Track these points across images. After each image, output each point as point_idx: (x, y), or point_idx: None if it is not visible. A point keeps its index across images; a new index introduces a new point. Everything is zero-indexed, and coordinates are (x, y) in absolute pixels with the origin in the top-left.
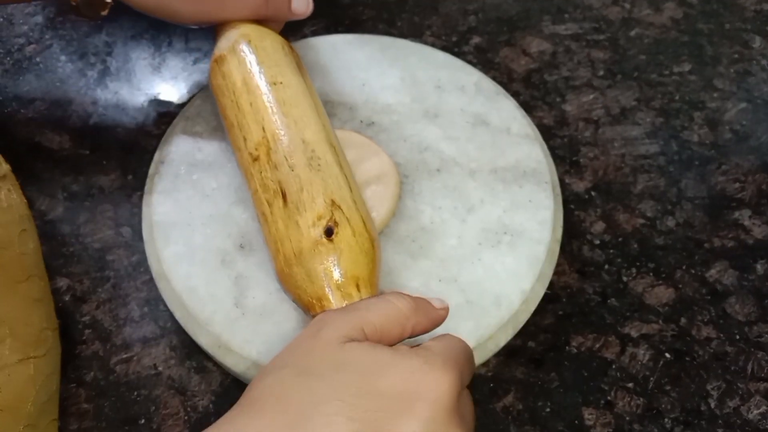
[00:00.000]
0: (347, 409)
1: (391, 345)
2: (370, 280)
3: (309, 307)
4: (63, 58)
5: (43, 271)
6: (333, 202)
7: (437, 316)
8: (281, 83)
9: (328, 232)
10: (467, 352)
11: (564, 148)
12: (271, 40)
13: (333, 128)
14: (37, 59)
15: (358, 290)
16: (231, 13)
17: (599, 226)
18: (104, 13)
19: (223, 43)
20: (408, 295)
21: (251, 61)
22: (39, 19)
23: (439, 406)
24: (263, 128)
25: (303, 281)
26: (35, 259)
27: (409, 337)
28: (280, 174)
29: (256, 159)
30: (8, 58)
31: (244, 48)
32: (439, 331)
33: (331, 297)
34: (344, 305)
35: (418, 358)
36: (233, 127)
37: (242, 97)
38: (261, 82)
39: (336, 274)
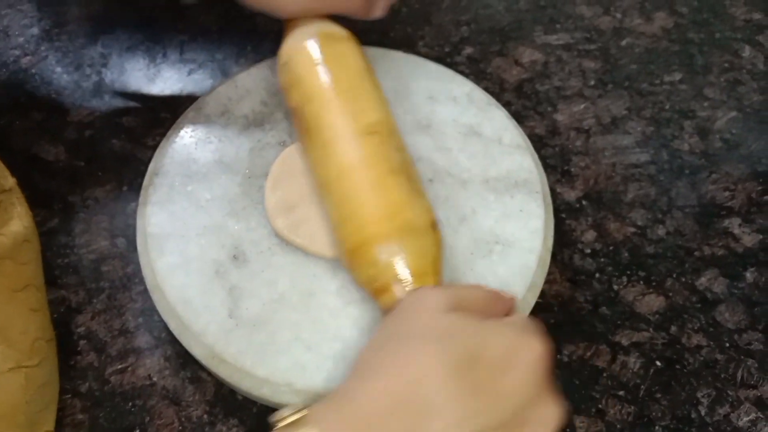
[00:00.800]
0: (455, 371)
1: None
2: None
3: (393, 282)
4: (59, 69)
5: (41, 282)
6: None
7: (509, 306)
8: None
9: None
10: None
11: (555, 158)
12: (315, 48)
13: (376, 105)
14: (33, 71)
15: (439, 274)
16: (334, 8)
17: (590, 235)
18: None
19: (335, 28)
20: (484, 287)
21: (362, 53)
22: (35, 30)
23: (537, 369)
24: (385, 112)
25: (405, 252)
26: (35, 270)
27: None
28: (401, 156)
29: (373, 133)
30: (4, 70)
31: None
32: None
33: (431, 273)
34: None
35: (513, 327)
36: (346, 93)
37: (366, 77)
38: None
39: (436, 258)
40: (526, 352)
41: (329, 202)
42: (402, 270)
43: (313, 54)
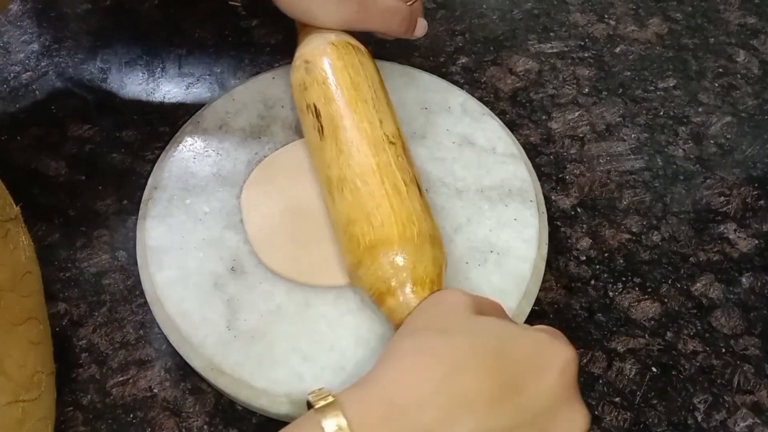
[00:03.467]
0: (491, 368)
1: None
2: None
3: (405, 285)
4: (59, 84)
5: (44, 314)
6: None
7: (505, 314)
8: (335, 126)
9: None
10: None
11: (550, 166)
12: (332, 59)
13: (388, 118)
14: (33, 86)
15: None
16: (374, 26)
17: (585, 242)
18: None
19: (354, 39)
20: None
21: (377, 67)
22: (35, 47)
23: (565, 374)
24: (398, 127)
25: (420, 258)
26: (37, 302)
27: None
28: (414, 170)
29: (392, 143)
30: (5, 86)
31: (310, 70)
32: None
33: (437, 283)
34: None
35: (544, 333)
36: (366, 102)
37: (381, 90)
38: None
39: (443, 270)
40: (556, 356)
41: (342, 201)
42: (416, 275)
43: (339, 58)
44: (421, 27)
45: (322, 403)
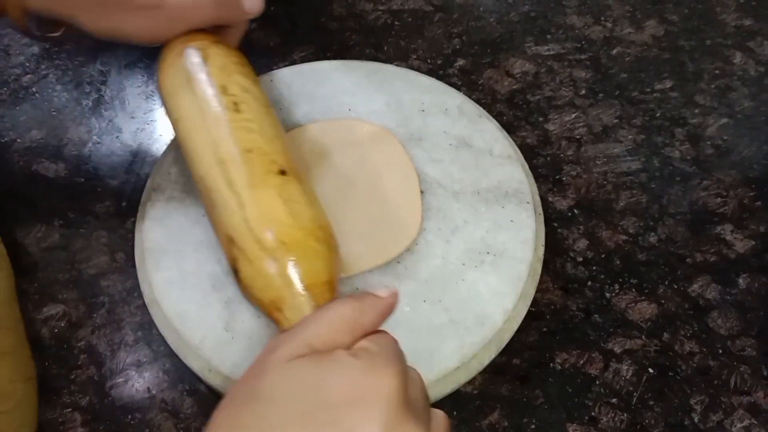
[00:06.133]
0: (301, 428)
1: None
2: (298, 287)
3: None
4: (58, 87)
5: (14, 321)
6: (229, 239)
7: (386, 306)
8: (178, 119)
9: (235, 272)
10: (397, 344)
11: (547, 167)
12: (172, 62)
13: (240, 123)
14: (34, 89)
15: (287, 304)
16: (185, 25)
17: (582, 243)
18: (56, 34)
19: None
20: (353, 298)
21: (164, 92)
22: (35, 49)
23: (391, 404)
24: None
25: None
26: (6, 311)
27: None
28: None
29: (249, 150)
30: (5, 89)
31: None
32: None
33: (279, 321)
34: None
35: (360, 362)
36: (213, 113)
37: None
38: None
39: (263, 305)
40: (376, 389)
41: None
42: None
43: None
44: (250, 3)
45: None
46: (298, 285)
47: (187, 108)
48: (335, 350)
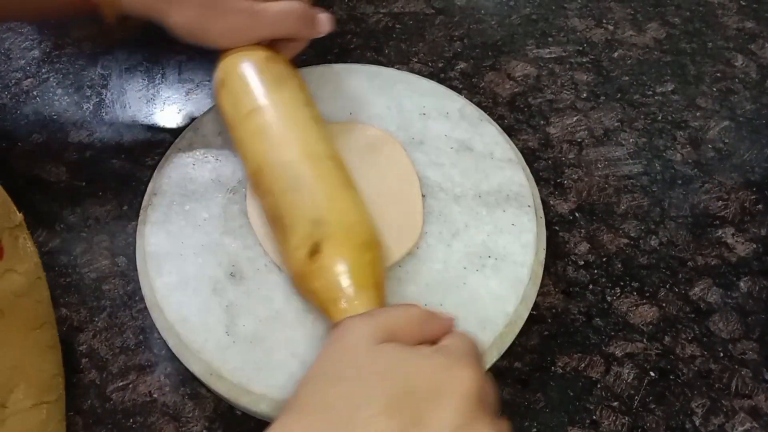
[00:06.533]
0: (385, 408)
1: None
2: (369, 282)
3: (326, 316)
4: (59, 91)
5: (54, 319)
6: (315, 221)
7: (446, 326)
8: (258, 108)
9: (314, 251)
10: (476, 346)
11: (548, 170)
12: (249, 64)
13: (324, 132)
14: (34, 93)
15: (358, 296)
16: (270, 34)
17: (583, 247)
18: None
19: (216, 76)
20: (419, 305)
21: (231, 92)
22: (36, 53)
23: (467, 399)
24: (251, 159)
25: (308, 299)
26: (47, 307)
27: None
28: (270, 200)
29: (256, 186)
30: (6, 92)
31: (227, 81)
32: None
33: (332, 310)
34: (360, 312)
35: (443, 357)
36: (241, 157)
37: (232, 131)
38: (240, 113)
39: (330, 290)
40: (455, 383)
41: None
42: (320, 310)
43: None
44: (324, 23)
45: None
46: (370, 280)
47: (275, 103)
48: (419, 345)
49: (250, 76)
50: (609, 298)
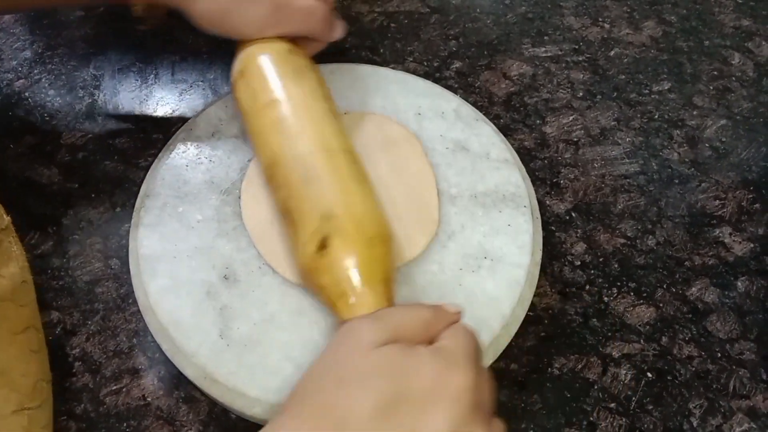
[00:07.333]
0: (382, 411)
1: None
2: (378, 277)
3: (333, 312)
4: (52, 92)
5: (39, 323)
6: (325, 215)
7: (454, 321)
8: (276, 100)
9: (322, 246)
10: (476, 341)
11: (544, 170)
12: (270, 55)
13: (342, 127)
14: (26, 94)
15: (366, 292)
16: (294, 29)
17: (580, 247)
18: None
19: (234, 67)
20: (426, 304)
21: (250, 83)
22: (28, 54)
23: (460, 404)
24: (266, 151)
25: (315, 293)
26: (33, 311)
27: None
28: (283, 194)
29: (270, 179)
30: None
31: (246, 71)
32: None
33: (340, 306)
34: (366, 312)
35: (441, 360)
36: (255, 148)
37: (248, 122)
38: (257, 105)
39: (337, 285)
40: (450, 388)
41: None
42: (326, 305)
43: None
44: (339, 28)
45: None
46: (379, 275)
47: (294, 95)
48: (418, 345)
49: (270, 68)
50: (606, 299)
